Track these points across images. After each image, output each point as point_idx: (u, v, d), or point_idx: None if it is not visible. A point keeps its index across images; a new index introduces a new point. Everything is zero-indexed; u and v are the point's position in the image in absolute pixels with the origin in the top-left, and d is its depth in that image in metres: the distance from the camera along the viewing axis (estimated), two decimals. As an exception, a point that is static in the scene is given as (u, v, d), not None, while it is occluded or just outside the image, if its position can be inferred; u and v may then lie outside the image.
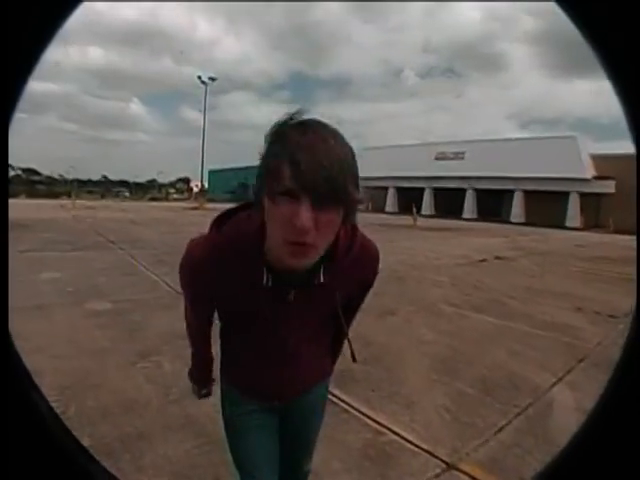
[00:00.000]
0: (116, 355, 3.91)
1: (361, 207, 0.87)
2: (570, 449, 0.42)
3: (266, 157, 0.83)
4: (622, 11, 0.38)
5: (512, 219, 41.46)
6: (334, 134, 0.81)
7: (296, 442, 1.40)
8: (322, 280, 0.99)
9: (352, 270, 1.05)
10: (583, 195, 37.62)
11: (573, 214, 38.26)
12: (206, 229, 1.06)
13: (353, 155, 0.83)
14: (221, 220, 1.03)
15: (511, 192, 43.11)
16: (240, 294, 1.03)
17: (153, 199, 70.57)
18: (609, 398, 0.41)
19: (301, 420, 1.37)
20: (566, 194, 38.55)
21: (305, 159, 0.75)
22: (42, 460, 0.46)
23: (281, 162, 0.78)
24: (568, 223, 37.27)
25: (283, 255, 0.84)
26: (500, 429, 2.95)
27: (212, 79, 46.26)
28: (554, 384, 3.72)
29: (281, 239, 0.82)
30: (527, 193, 41.97)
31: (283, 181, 0.77)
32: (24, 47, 0.63)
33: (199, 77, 45.84)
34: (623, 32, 0.38)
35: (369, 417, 3.03)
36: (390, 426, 2.92)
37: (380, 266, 1.22)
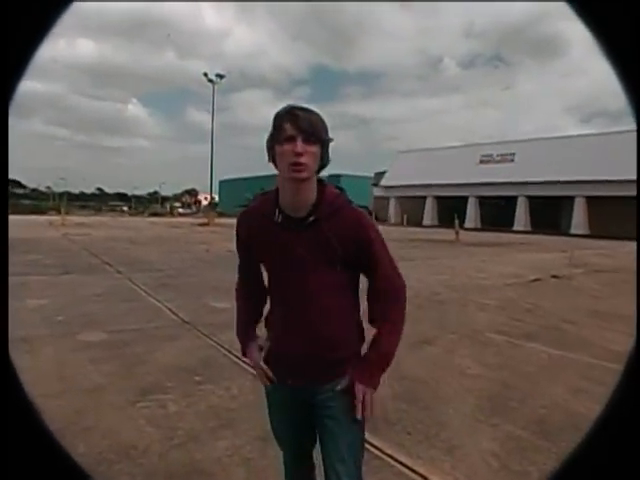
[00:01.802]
0: (112, 393, 3.98)
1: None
2: (578, 452, 0.45)
3: (273, 127, 1.58)
4: (628, 12, 0.43)
5: (573, 230, 40.87)
6: (308, 108, 1.61)
7: (329, 446, 1.77)
8: (313, 218, 1.63)
9: (340, 225, 1.65)
10: (661, 200, 36.86)
11: (648, 223, 37.45)
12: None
13: (322, 118, 1.60)
14: (255, 198, 1.85)
15: (571, 199, 42.55)
16: (264, 233, 1.71)
17: (155, 214, 71.95)
18: (614, 405, 0.44)
19: (327, 422, 1.75)
20: None
21: (298, 116, 1.54)
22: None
23: (284, 122, 1.54)
24: (642, 234, 36.47)
25: (289, 174, 1.55)
26: None
27: (220, 76, 47.01)
28: (624, 426, 3.64)
29: (287, 165, 1.54)
30: (591, 199, 41.35)
31: (286, 132, 1.53)
32: (17, 47, 0.70)
33: (205, 74, 46.67)
34: (629, 32, 0.43)
35: (404, 465, 3.01)
36: (428, 475, 2.90)
37: (417, 287, 1.49)
